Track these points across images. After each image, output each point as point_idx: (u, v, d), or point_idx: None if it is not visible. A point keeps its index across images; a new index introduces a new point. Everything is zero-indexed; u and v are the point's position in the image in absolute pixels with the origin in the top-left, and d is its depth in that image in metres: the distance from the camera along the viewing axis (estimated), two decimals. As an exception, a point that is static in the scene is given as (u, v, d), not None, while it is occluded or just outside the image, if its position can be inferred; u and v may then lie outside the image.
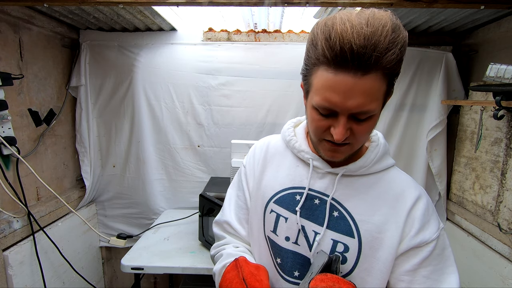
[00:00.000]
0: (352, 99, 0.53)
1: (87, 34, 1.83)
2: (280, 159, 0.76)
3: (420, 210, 0.64)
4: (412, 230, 0.63)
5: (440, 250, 0.64)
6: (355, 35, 0.49)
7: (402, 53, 0.53)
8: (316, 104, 0.57)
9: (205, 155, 1.97)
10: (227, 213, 0.82)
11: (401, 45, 0.52)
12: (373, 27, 0.49)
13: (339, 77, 0.52)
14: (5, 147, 1.33)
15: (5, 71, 1.36)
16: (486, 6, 1.13)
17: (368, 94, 0.53)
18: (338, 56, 0.51)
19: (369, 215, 0.65)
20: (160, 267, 1.43)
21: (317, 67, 0.56)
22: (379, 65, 0.51)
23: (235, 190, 0.84)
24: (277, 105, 1.88)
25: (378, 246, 0.64)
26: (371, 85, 0.53)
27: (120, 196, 2.02)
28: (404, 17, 1.51)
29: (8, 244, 1.37)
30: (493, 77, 1.24)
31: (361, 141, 0.63)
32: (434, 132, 1.74)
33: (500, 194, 1.39)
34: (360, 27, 0.49)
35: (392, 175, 0.69)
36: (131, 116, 1.92)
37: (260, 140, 0.85)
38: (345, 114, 0.55)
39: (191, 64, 1.87)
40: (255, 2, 1.16)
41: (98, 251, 2.06)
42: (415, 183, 0.69)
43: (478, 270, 1.47)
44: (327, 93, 0.55)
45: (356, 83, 0.52)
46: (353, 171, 0.68)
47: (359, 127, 0.57)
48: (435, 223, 0.65)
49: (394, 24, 0.51)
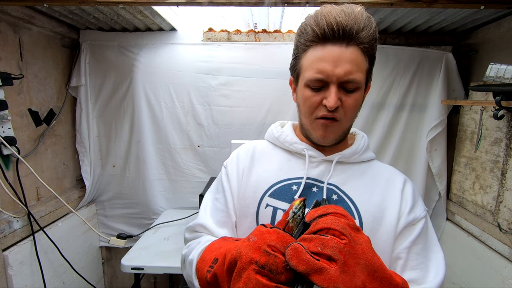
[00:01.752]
0: (340, 67, 0.61)
1: (87, 34, 1.83)
2: (269, 157, 0.76)
3: (409, 190, 0.70)
4: (407, 208, 0.67)
5: (427, 229, 0.68)
6: (338, 13, 0.60)
7: (375, 34, 0.63)
8: (308, 79, 0.64)
9: (205, 155, 1.97)
10: (203, 217, 0.75)
11: (374, 27, 0.62)
12: (351, 9, 0.61)
13: (327, 49, 0.61)
14: (5, 147, 1.33)
15: (5, 71, 1.36)
16: (486, 6, 1.13)
17: (354, 64, 0.61)
18: (325, 30, 0.60)
19: (367, 197, 0.68)
20: (160, 267, 1.43)
21: (307, 49, 0.65)
22: (359, 38, 0.61)
23: (212, 194, 0.79)
24: (277, 105, 1.88)
25: (378, 226, 0.66)
26: (355, 56, 0.61)
27: (120, 196, 2.02)
28: (404, 17, 1.51)
29: (8, 244, 1.37)
30: (493, 77, 1.24)
31: (349, 116, 0.67)
32: (434, 132, 1.74)
33: (500, 194, 1.39)
34: (340, 9, 0.61)
35: (377, 165, 0.76)
36: (131, 116, 1.92)
37: (242, 145, 0.83)
38: (335, 83, 0.62)
39: (191, 64, 1.87)
40: (255, 2, 1.16)
41: (98, 251, 2.06)
42: (398, 171, 0.76)
43: (478, 270, 1.47)
44: (318, 64, 0.62)
45: (342, 52, 0.61)
46: (347, 157, 0.72)
47: (348, 99, 0.64)
48: (422, 203, 0.71)
49: (367, 13, 0.63)
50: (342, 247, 0.45)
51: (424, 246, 0.66)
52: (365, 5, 1.16)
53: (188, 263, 0.68)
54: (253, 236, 0.50)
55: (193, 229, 0.76)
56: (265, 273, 0.45)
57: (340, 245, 0.45)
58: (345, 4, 0.63)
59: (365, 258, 0.46)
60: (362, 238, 0.49)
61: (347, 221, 0.49)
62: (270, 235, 0.48)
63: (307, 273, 0.43)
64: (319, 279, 0.42)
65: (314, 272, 0.43)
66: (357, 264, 0.45)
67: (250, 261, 0.46)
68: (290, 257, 0.44)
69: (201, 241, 0.70)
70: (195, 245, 0.71)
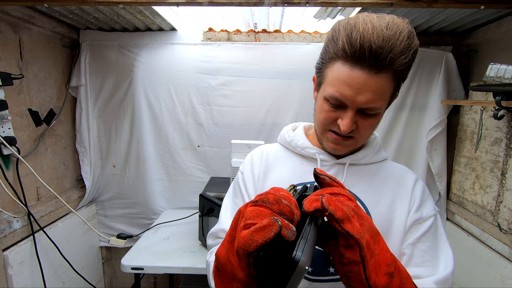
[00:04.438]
0: (363, 95, 0.57)
1: (87, 34, 1.83)
2: (282, 161, 0.77)
3: (419, 189, 0.71)
4: (414, 206, 0.68)
5: (435, 228, 0.68)
6: (375, 35, 0.54)
7: (413, 59, 0.58)
8: (328, 95, 0.61)
9: (205, 155, 1.97)
10: (224, 222, 0.76)
11: (413, 51, 0.57)
12: (391, 31, 0.54)
13: (355, 73, 0.57)
14: (5, 147, 1.33)
15: (5, 71, 1.36)
16: (486, 6, 1.13)
17: (378, 92, 0.58)
18: (357, 52, 0.55)
19: (377, 199, 0.69)
20: (160, 267, 1.43)
21: (334, 61, 0.60)
22: (392, 67, 0.56)
23: (231, 199, 0.80)
24: (277, 105, 1.88)
25: (389, 227, 0.67)
26: (382, 84, 0.58)
27: (120, 196, 2.02)
28: (404, 17, 1.51)
29: (8, 244, 1.37)
30: (493, 77, 1.24)
31: (364, 136, 0.66)
32: (434, 132, 1.74)
33: (500, 194, 1.39)
34: (380, 29, 0.54)
35: (389, 165, 0.76)
36: (131, 116, 1.92)
37: (255, 149, 0.84)
38: (353, 108, 0.60)
39: (191, 64, 1.87)
40: (255, 2, 1.16)
41: (98, 251, 2.06)
42: (410, 170, 0.76)
43: (478, 270, 1.47)
44: (341, 86, 0.59)
45: (369, 80, 0.57)
46: (358, 159, 0.72)
47: (364, 122, 0.62)
48: (432, 203, 0.71)
49: (410, 32, 0.56)
50: (354, 207, 0.49)
51: (432, 245, 0.66)
52: (365, 5, 1.16)
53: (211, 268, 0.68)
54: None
55: (215, 235, 0.77)
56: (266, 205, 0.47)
57: (352, 205, 0.49)
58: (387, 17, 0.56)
59: (368, 222, 0.50)
60: (363, 212, 0.52)
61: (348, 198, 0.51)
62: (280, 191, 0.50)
63: (342, 219, 0.45)
64: (350, 226, 0.45)
65: (347, 220, 0.46)
66: (363, 225, 0.48)
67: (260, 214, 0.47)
68: (328, 204, 0.46)
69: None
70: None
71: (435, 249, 0.66)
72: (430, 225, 0.67)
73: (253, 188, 0.76)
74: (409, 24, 0.57)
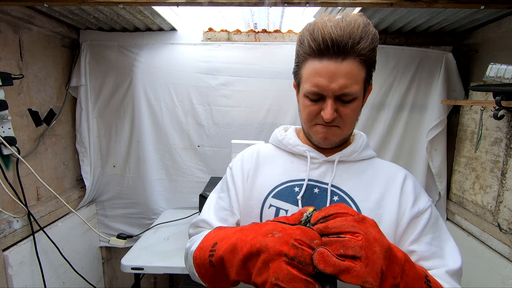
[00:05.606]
0: (336, 82, 0.63)
1: (87, 34, 1.83)
2: (273, 160, 0.79)
3: (410, 184, 0.72)
4: (409, 202, 0.69)
5: (434, 219, 0.70)
6: (333, 27, 0.61)
7: (373, 43, 0.64)
8: (306, 91, 0.67)
9: (205, 155, 1.97)
10: (205, 213, 0.79)
11: (372, 36, 0.63)
12: (347, 22, 0.61)
13: (324, 63, 0.63)
14: (5, 147, 1.33)
15: (5, 71, 1.36)
16: (486, 6, 1.13)
17: (349, 77, 0.63)
18: (321, 45, 0.62)
19: (367, 195, 0.70)
20: (160, 267, 1.43)
21: (306, 60, 0.67)
22: (355, 51, 0.62)
23: (217, 194, 0.83)
24: (277, 105, 1.88)
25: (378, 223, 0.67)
26: (351, 69, 0.63)
27: (120, 196, 2.02)
28: (404, 17, 1.51)
29: (8, 244, 1.37)
30: (493, 77, 1.24)
31: (348, 123, 0.69)
32: (434, 132, 1.74)
33: (500, 194, 1.39)
34: (337, 22, 0.61)
35: (379, 162, 0.78)
36: (131, 116, 1.92)
37: (247, 148, 0.86)
38: (331, 96, 0.64)
39: (191, 64, 1.87)
40: (255, 2, 1.16)
41: (98, 251, 2.06)
42: (399, 166, 0.77)
43: (478, 270, 1.47)
44: (315, 79, 0.64)
45: (338, 67, 0.62)
46: (347, 155, 0.74)
47: (345, 109, 0.66)
48: (425, 195, 0.73)
49: (365, 21, 0.63)
50: (361, 244, 0.47)
51: (434, 236, 0.67)
52: (365, 5, 1.15)
53: (190, 254, 0.71)
54: (277, 232, 0.52)
55: (196, 225, 0.81)
56: (295, 264, 0.47)
57: (358, 242, 0.48)
58: (343, 14, 0.63)
59: (379, 244, 0.49)
60: (370, 226, 0.51)
61: (353, 217, 0.51)
62: (294, 231, 0.51)
63: (335, 274, 0.46)
64: (348, 277, 0.45)
65: (342, 272, 0.46)
66: (375, 253, 0.48)
67: (279, 253, 0.48)
68: (318, 262, 0.46)
69: (203, 234, 0.73)
70: (196, 238, 0.74)
71: (439, 239, 0.68)
72: (429, 217, 0.69)
73: (241, 184, 0.78)
74: (363, 17, 0.64)
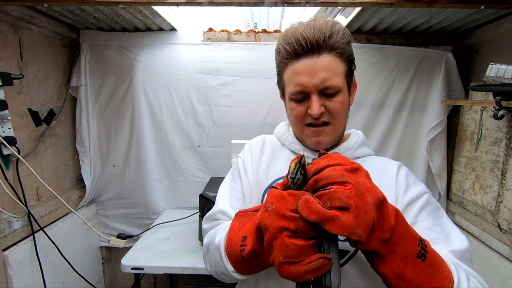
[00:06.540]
0: (316, 76, 0.65)
1: (87, 34, 1.83)
2: (276, 153, 0.81)
3: (403, 174, 0.73)
4: (401, 190, 0.69)
5: (434, 207, 0.68)
6: (304, 28, 0.65)
7: (345, 36, 0.67)
8: (290, 92, 0.70)
9: (205, 155, 1.97)
10: (220, 204, 0.77)
11: (342, 31, 0.67)
12: (317, 22, 0.66)
13: (301, 63, 0.66)
14: (5, 147, 1.33)
15: (5, 71, 1.36)
16: (486, 6, 1.13)
17: (328, 70, 0.65)
18: (295, 46, 0.65)
19: None
20: (160, 267, 1.43)
21: (285, 65, 0.70)
22: (329, 45, 0.65)
23: (229, 184, 0.82)
24: (277, 105, 1.88)
25: None
26: (329, 62, 0.66)
27: (120, 196, 2.02)
28: (404, 17, 1.51)
29: (8, 244, 1.37)
30: (493, 77, 1.24)
31: (338, 118, 0.70)
32: (434, 132, 1.74)
33: (500, 194, 1.39)
34: (307, 24, 0.66)
35: (373, 158, 0.79)
36: (131, 116, 1.92)
37: (255, 137, 0.88)
38: (314, 92, 0.67)
39: (191, 64, 1.87)
40: (255, 2, 1.16)
41: (98, 251, 2.06)
42: (393, 160, 0.78)
43: (478, 270, 1.46)
44: (296, 79, 0.67)
45: (315, 62, 0.65)
46: (340, 152, 0.72)
47: (331, 104, 0.68)
48: (420, 184, 0.72)
49: (333, 20, 0.68)
50: (349, 193, 0.45)
51: (435, 223, 0.65)
52: (365, 5, 1.16)
53: (215, 248, 0.67)
54: (270, 204, 0.50)
55: (212, 218, 0.78)
56: (299, 236, 0.46)
57: (346, 192, 0.45)
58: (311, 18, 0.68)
59: (371, 195, 0.47)
60: (362, 176, 0.49)
61: (343, 167, 0.48)
62: (286, 200, 0.49)
63: (319, 222, 0.44)
64: (332, 227, 0.43)
65: (326, 221, 0.44)
66: (367, 204, 0.46)
67: (280, 230, 0.47)
68: (301, 209, 0.45)
69: (222, 227, 0.71)
70: (217, 231, 0.71)
71: (440, 226, 0.65)
72: (424, 202, 0.67)
73: (251, 172, 0.79)
74: (330, 17, 0.68)
